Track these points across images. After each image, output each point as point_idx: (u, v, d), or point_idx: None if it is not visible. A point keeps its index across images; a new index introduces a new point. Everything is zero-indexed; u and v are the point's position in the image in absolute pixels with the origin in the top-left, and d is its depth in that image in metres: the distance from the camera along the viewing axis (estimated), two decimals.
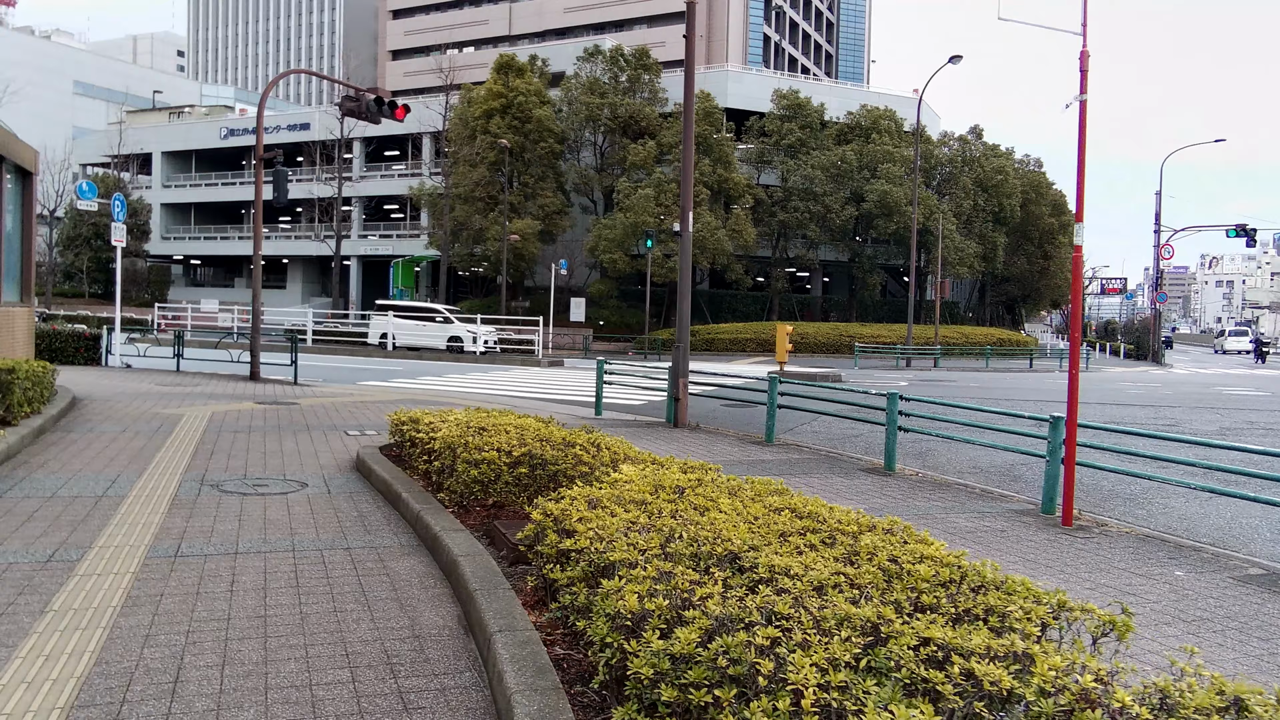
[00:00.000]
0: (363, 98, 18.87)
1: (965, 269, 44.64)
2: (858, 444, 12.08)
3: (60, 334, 18.43)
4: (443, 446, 6.52)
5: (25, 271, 12.86)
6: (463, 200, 43.59)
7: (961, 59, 31.64)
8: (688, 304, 12.30)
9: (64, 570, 4.77)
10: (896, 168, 43.59)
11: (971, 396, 20.14)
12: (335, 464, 8.39)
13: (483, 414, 7.77)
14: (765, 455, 10.15)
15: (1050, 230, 52.95)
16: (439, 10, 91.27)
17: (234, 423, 10.78)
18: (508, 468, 5.93)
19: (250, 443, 9.36)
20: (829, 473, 9.20)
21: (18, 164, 12.33)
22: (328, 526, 5.99)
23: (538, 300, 46.40)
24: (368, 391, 16.02)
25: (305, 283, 65.84)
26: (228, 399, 13.41)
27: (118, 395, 13.09)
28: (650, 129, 44.11)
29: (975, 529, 6.93)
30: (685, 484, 4.82)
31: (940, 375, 29.46)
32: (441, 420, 7.36)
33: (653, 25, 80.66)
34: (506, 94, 43.37)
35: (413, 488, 6.69)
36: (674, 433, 11.76)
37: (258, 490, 7.06)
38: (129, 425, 10.13)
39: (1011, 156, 51.09)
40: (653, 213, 39.70)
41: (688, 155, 12.28)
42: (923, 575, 2.93)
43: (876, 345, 38.07)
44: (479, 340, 30.03)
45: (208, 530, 5.74)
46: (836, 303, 51.48)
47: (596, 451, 6.23)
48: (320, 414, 12.05)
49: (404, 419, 7.96)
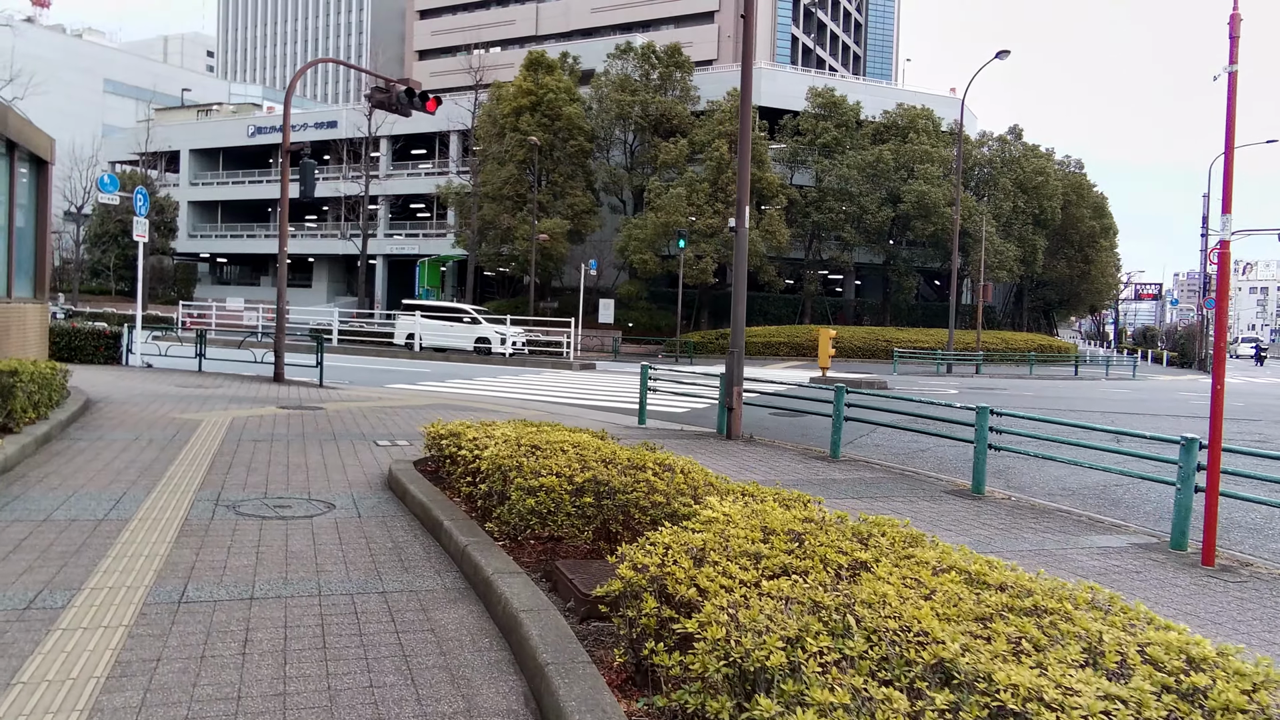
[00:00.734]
0: (393, 89, 18.12)
1: (1005, 272, 43.33)
2: (926, 460, 11.10)
3: (80, 332, 17.80)
4: (491, 468, 5.65)
5: (39, 266, 12.17)
6: (490, 199, 42.88)
7: (1009, 54, 30.46)
8: (743, 307, 11.38)
9: (44, 622, 3.94)
10: (934, 168, 42.39)
11: (1029, 407, 19.06)
12: (365, 480, 7.55)
13: (531, 429, 6.90)
14: (834, 474, 9.21)
15: (1091, 233, 51.41)
16: (466, 10, 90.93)
17: (255, 430, 9.98)
18: (570, 497, 5.04)
19: (272, 454, 8.55)
20: (911, 495, 8.24)
21: (32, 152, 11.64)
22: (359, 562, 5.13)
23: (566, 301, 45.62)
24: (395, 395, 15.23)
25: (331, 282, 65.51)
26: (250, 403, 12.65)
27: (134, 398, 12.36)
28: (682, 127, 43.20)
29: (1105, 569, 5.96)
30: (799, 528, 3.91)
31: (987, 383, 28.29)
32: (487, 436, 6.49)
33: (680, 26, 79.75)
34: (536, 91, 42.61)
35: (455, 514, 5.82)
36: (728, 445, 10.84)
37: (279, 513, 6.22)
38: (143, 432, 9.36)
39: (1051, 157, 49.67)
40: (684, 212, 38.78)
41: (744, 148, 11.36)
42: (1233, 702, 2.00)
43: (914, 350, 36.89)
44: (507, 342, 29.23)
45: (220, 566, 4.90)
46: (870, 306, 50.27)
47: (670, 476, 5.33)
48: (347, 420, 11.25)
49: (443, 433, 7.10)
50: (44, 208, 12.15)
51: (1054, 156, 50.11)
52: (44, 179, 12.16)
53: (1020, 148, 47.88)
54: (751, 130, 38.90)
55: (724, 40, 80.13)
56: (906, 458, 11.17)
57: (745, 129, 11.55)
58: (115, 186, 17.51)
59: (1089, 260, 52.05)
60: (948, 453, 11.65)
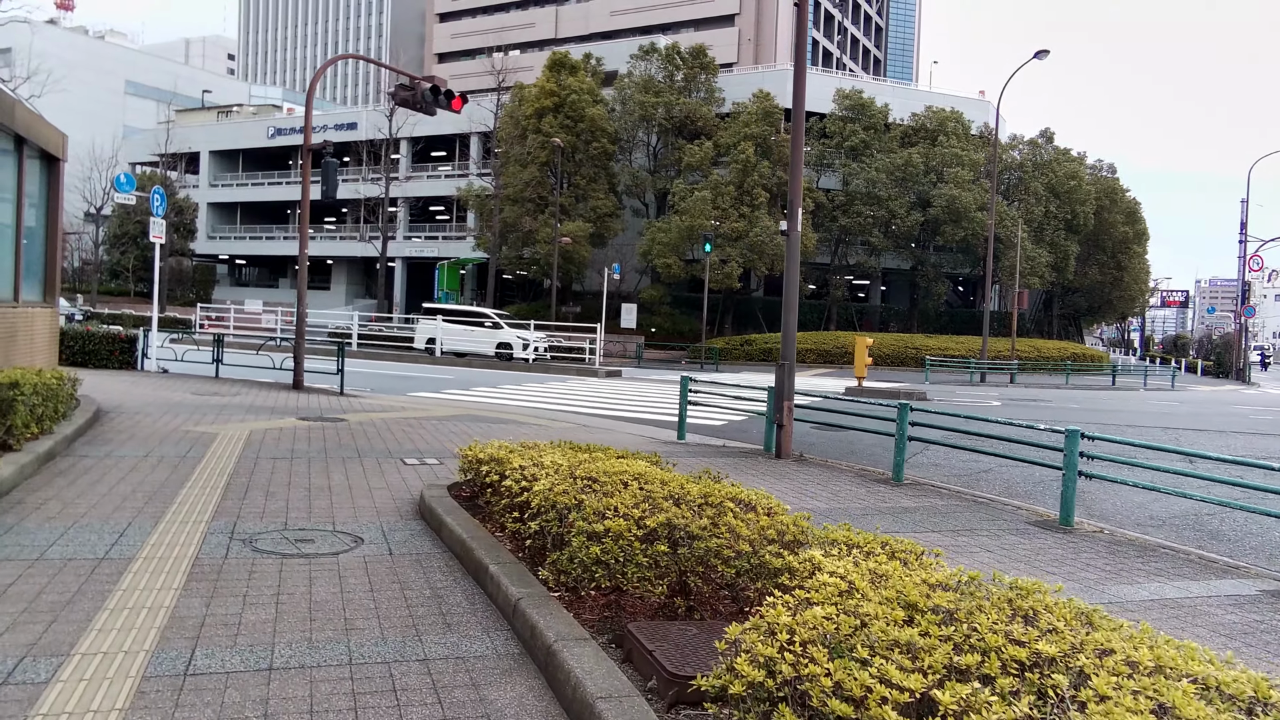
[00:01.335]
0: (418, 86, 17.49)
1: (1036, 279, 42.31)
2: (992, 482, 10.31)
3: (94, 336, 17.25)
4: (543, 504, 4.93)
5: (49, 268, 11.58)
6: (512, 201, 42.29)
7: (1048, 54, 29.56)
8: (794, 315, 10.62)
9: (22, 704, 3.25)
10: (965, 171, 41.46)
11: (1080, 421, 18.18)
12: (394, 506, 6.86)
13: (583, 455, 6.18)
14: (903, 500, 8.43)
15: (1124, 239, 50.24)
16: (486, 13, 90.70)
17: (274, 445, 9.32)
18: (640, 544, 4.31)
19: (293, 474, 7.86)
20: (994, 528, 7.46)
21: (42, 148, 11.05)
22: (394, 616, 4.42)
23: (587, 305, 44.97)
24: (420, 405, 14.56)
25: (350, 284, 65.16)
26: (268, 413, 12.00)
27: (147, 407, 11.74)
28: (707, 129, 42.47)
29: (1248, 626, 5.17)
30: (942, 600, 3.16)
31: (1027, 394, 27.35)
32: (535, 464, 5.76)
33: (699, 29, 79.11)
34: (559, 92, 42.00)
35: (500, 554, 5.10)
36: (779, 465, 10.08)
37: (301, 549, 5.53)
38: (154, 448, 8.71)
39: (1084, 161, 48.59)
40: (710, 216, 38.03)
41: (797, 142, 10.62)
42: None
43: (945, 359, 35.96)
44: (529, 347, 28.57)
45: (233, 622, 4.20)
46: (896, 312, 49.31)
47: (752, 518, 4.60)
48: (371, 434, 10.58)
49: (482, 457, 6.39)
50: (55, 207, 11.56)
51: (1086, 160, 49.03)
52: (55, 176, 11.57)
53: (1051, 151, 46.86)
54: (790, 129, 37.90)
55: (744, 43, 79.49)
56: (970, 480, 10.38)
57: (798, 123, 10.80)
58: (132, 186, 16.96)
59: (1121, 267, 50.88)
60: (1012, 474, 10.85)
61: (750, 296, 47.03)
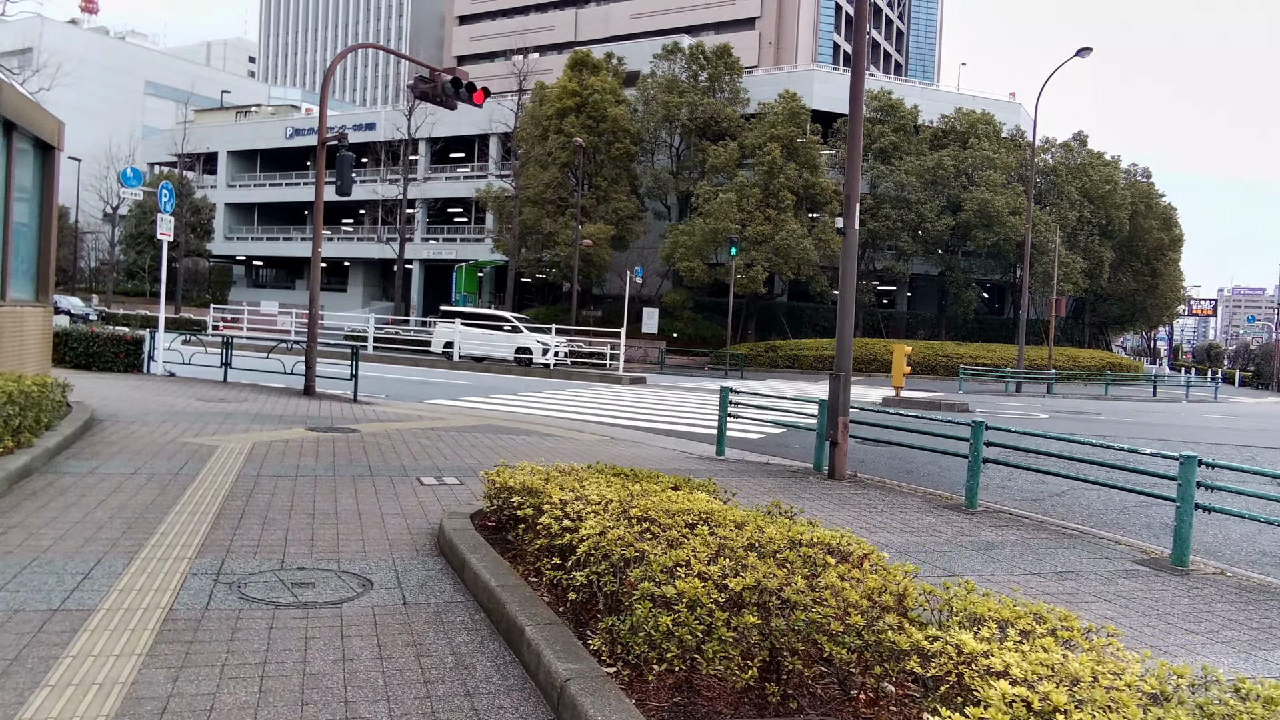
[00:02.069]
0: (438, 78, 16.67)
1: (1070, 285, 41.06)
2: (1070, 508, 9.29)
3: (98, 337, 16.49)
4: (592, 551, 4.01)
5: (43, 264, 10.77)
6: (531, 203, 41.47)
7: (1090, 51, 28.44)
8: (850, 322, 9.66)
9: None
10: (997, 175, 40.30)
11: (1139, 436, 17.09)
12: (409, 538, 5.95)
13: (631, 485, 5.25)
14: (983, 531, 7.44)
15: (1159, 246, 48.83)
16: (505, 16, 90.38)
17: (278, 460, 8.44)
18: (722, 611, 3.37)
19: (296, 496, 6.98)
20: (1099, 568, 6.46)
21: (36, 136, 10.25)
22: (407, 699, 3.50)
23: (607, 309, 44.12)
24: (438, 413, 13.69)
25: (366, 286, 64.59)
26: (275, 422, 11.15)
27: (147, 414, 10.92)
28: (731, 130, 41.51)
29: None
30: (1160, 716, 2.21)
31: (1071, 405, 26.17)
32: (577, 496, 4.83)
33: (720, 32, 78.29)
34: (581, 92, 41.17)
35: (537, 610, 4.18)
36: (835, 488, 9.11)
37: (298, 596, 4.62)
38: (145, 463, 7.85)
39: (1118, 165, 47.26)
40: (734, 218, 37.07)
41: (855, 130, 9.66)
42: None
43: (977, 367, 34.80)
44: (549, 352, 27.70)
45: (203, 708, 3.29)
46: (923, 319, 48.11)
47: (859, 579, 3.65)
48: (385, 447, 9.69)
49: (512, 485, 5.47)
50: (49, 198, 10.76)
51: (1120, 165, 47.71)
52: (50, 166, 10.77)
53: (1085, 154, 45.58)
54: (806, 135, 36.79)
55: (764, 46, 78.68)
56: (1045, 505, 9.37)
57: (856, 119, 9.85)
58: (139, 181, 16.22)
59: (1156, 274, 49.46)
60: (1089, 498, 9.84)
61: (774, 301, 46.01)
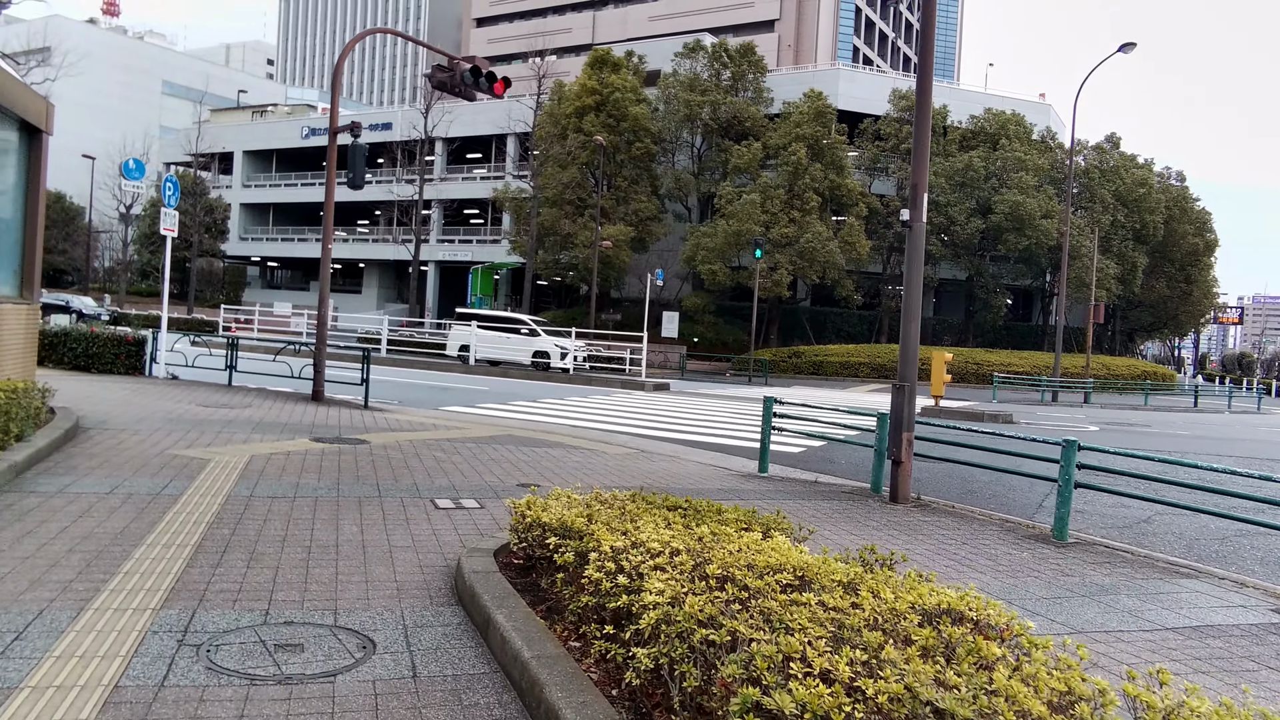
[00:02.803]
0: (456, 67, 15.79)
1: (1103, 291, 39.78)
2: (1165, 537, 8.23)
3: (98, 338, 15.67)
4: (663, 626, 3.03)
5: (27, 257, 9.91)
6: (550, 204, 40.57)
7: (1134, 46, 27.30)
8: (916, 326, 8.65)
9: None
10: (1029, 176, 39.09)
11: (1204, 452, 15.94)
12: (421, 579, 4.98)
13: (695, 523, 4.28)
14: (1086, 570, 6.41)
15: (1193, 251, 47.42)
16: (523, 19, 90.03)
17: (276, 478, 7.51)
18: None
19: (292, 523, 6.03)
20: (1247, 624, 5.42)
21: (21, 117, 9.39)
22: None
23: (626, 313, 43.17)
24: (453, 421, 12.75)
25: (381, 288, 63.90)
26: (278, 431, 10.24)
27: (138, 422, 10.03)
28: (755, 130, 40.50)
29: None
30: None
31: (1116, 416, 24.95)
32: (631, 541, 3.85)
33: (739, 35, 77.37)
34: (601, 90, 40.26)
35: (586, 702, 3.19)
36: (900, 514, 8.08)
37: (280, 665, 3.67)
38: (125, 480, 6.94)
39: (1151, 169, 45.92)
40: (758, 220, 36.03)
41: (924, 112, 8.62)
42: None
43: (1009, 376, 33.61)
44: (568, 356, 26.76)
45: None
46: (950, 325, 46.88)
47: (1026, 671, 2.67)
48: (397, 462, 8.75)
49: (547, 520, 4.50)
50: (36, 186, 9.89)
51: (1154, 168, 46.36)
52: (37, 151, 9.90)
53: (1118, 157, 44.27)
54: (832, 135, 35.66)
55: (784, 49, 77.84)
56: (1133, 533, 8.32)
57: (925, 102, 8.80)
58: (141, 173, 15.39)
59: (1190, 280, 48.04)
60: (1182, 525, 8.78)
61: (797, 306, 44.92)
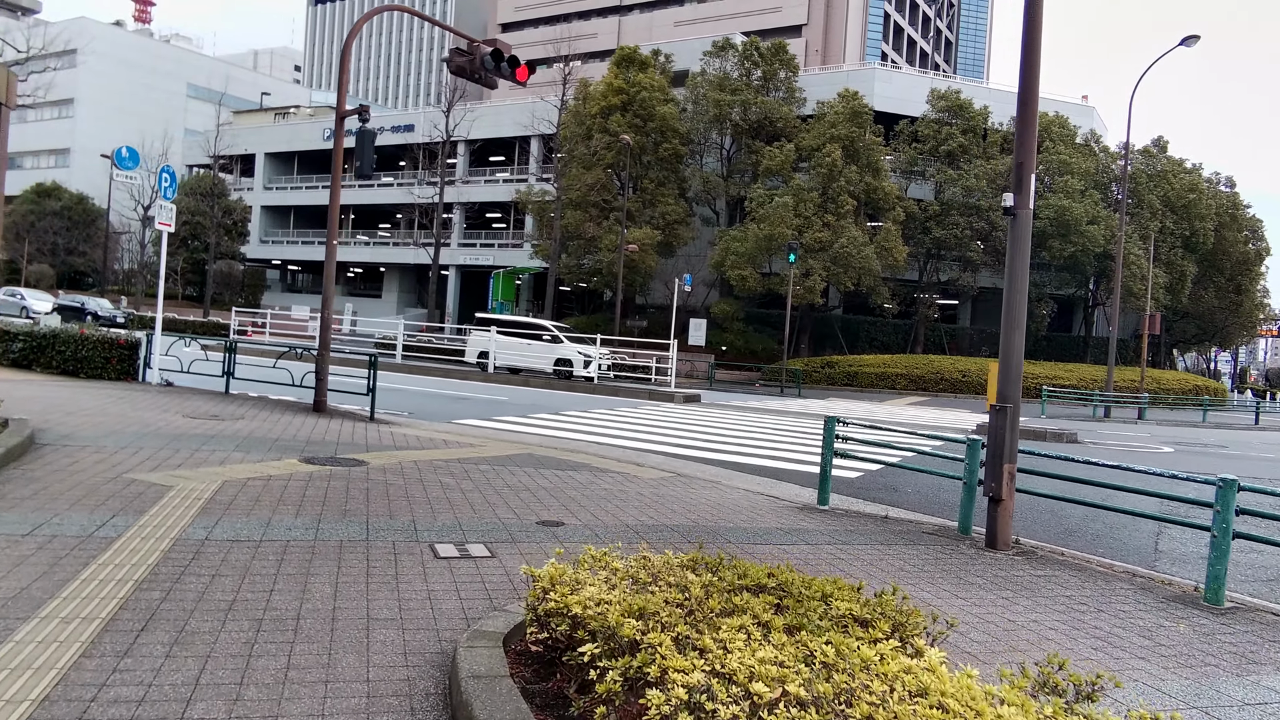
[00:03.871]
0: (477, 50, 14.55)
1: (1151, 301, 37.96)
2: None
3: (88, 340, 14.50)
4: None
5: None
6: (574, 206, 39.31)
7: (1197, 39, 25.65)
8: (1020, 334, 7.22)
9: None
10: (1075, 180, 37.38)
11: None
12: (404, 676, 3.61)
13: (810, 634, 2.89)
14: (1271, 651, 4.93)
15: (1244, 260, 45.37)
16: (548, 24, 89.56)
17: (244, 514, 6.17)
18: None
19: (246, 582, 4.67)
20: None
21: None
22: None
23: (652, 319, 41.82)
24: (467, 437, 11.41)
25: (401, 292, 62.96)
26: (264, 449, 8.93)
27: (108, 435, 8.78)
28: (787, 131, 39.07)
29: None
30: None
31: (1182, 434, 23.22)
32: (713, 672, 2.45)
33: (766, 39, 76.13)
34: (628, 89, 39.00)
35: None
36: (1003, 565, 6.62)
37: None
38: (57, 514, 5.63)
39: (1200, 173, 43.98)
40: (790, 224, 34.57)
41: (1031, 75, 7.18)
42: None
43: (1057, 389, 31.88)
44: (592, 364, 25.42)
45: None
46: (989, 336, 45.05)
47: None
48: (395, 490, 7.40)
49: (581, 616, 3.12)
50: None
51: (1203, 173, 44.41)
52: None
53: (1165, 161, 42.41)
54: (868, 136, 33.86)
55: (811, 54, 76.50)
56: (1277, 588, 6.81)
57: (1032, 65, 7.34)
58: (135, 163, 14.23)
59: (1241, 290, 45.97)
60: None
61: (829, 314, 43.35)
